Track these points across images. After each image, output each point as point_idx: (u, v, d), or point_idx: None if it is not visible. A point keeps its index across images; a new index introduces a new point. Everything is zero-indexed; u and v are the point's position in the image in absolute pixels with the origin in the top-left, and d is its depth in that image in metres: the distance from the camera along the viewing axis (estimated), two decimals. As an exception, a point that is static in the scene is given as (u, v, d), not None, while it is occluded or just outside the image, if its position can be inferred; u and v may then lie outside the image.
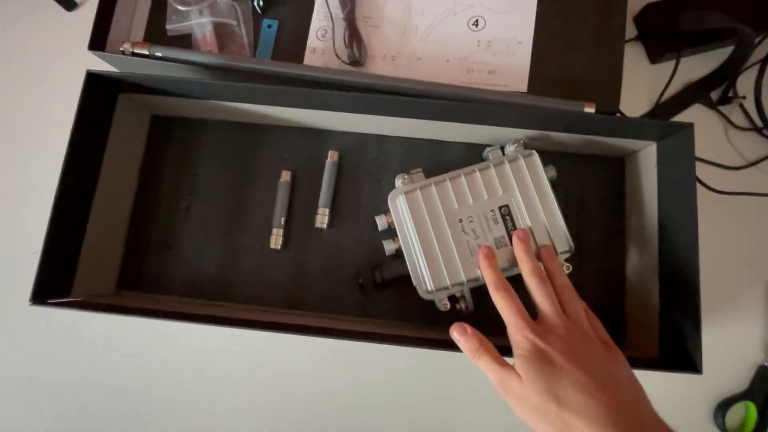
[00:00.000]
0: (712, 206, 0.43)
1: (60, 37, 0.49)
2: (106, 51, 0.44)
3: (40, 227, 0.32)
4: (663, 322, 0.36)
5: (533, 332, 0.28)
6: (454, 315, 0.37)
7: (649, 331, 0.37)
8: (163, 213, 0.44)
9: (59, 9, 0.50)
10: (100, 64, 0.42)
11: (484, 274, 0.33)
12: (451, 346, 0.32)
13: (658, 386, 0.41)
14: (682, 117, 0.46)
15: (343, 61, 0.44)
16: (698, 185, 0.43)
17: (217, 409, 0.43)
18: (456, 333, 0.31)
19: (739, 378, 0.41)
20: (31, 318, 0.44)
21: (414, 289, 0.37)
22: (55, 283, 0.35)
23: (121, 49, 0.43)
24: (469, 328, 0.31)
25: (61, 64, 0.49)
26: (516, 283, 0.33)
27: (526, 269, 0.32)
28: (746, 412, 0.41)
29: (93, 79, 0.37)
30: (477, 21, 0.44)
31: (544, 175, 0.37)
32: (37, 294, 0.33)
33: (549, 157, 0.43)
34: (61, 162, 0.34)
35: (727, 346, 0.42)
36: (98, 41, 0.44)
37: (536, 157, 0.37)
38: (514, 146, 0.39)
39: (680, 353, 0.33)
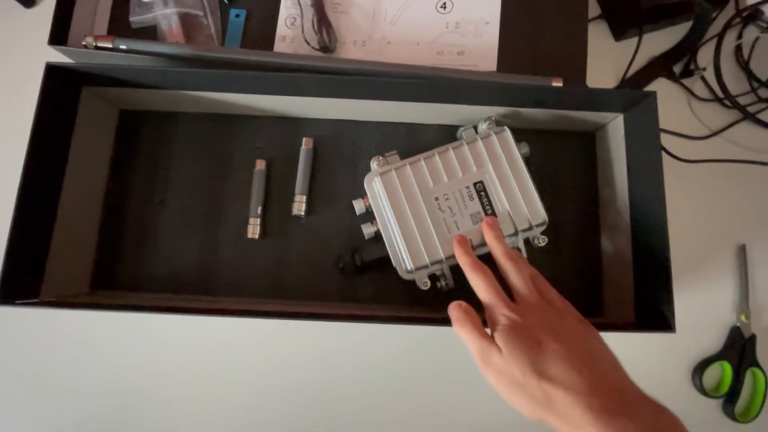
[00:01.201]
0: (680, 175, 0.44)
1: (18, 34, 0.48)
2: (68, 46, 0.43)
3: (1, 226, 0.31)
4: (637, 288, 0.37)
5: (511, 309, 0.28)
6: (436, 293, 0.37)
7: (625, 298, 0.38)
8: (137, 209, 0.43)
9: (17, 6, 0.48)
10: (62, 60, 0.41)
11: (460, 260, 0.34)
12: (430, 322, 0.32)
13: (637, 352, 0.42)
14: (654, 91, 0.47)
15: (313, 48, 0.44)
16: (665, 155, 0.44)
17: (203, 402, 0.42)
18: (450, 306, 0.31)
19: (714, 339, 0.42)
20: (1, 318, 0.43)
21: (395, 271, 0.38)
22: (22, 284, 0.34)
23: (84, 43, 0.42)
24: (463, 303, 0.31)
25: (21, 61, 0.47)
26: (491, 262, 0.33)
27: (498, 253, 0.33)
28: (722, 371, 0.42)
29: (53, 72, 0.36)
30: (444, 4, 0.44)
31: (516, 150, 0.38)
32: (3, 295, 0.32)
33: (521, 134, 0.43)
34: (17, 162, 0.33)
35: (701, 309, 0.43)
36: (59, 36, 0.42)
37: (508, 133, 0.38)
38: (486, 123, 0.39)
39: (654, 315, 0.34)
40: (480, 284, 0.31)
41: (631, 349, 0.43)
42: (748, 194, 0.45)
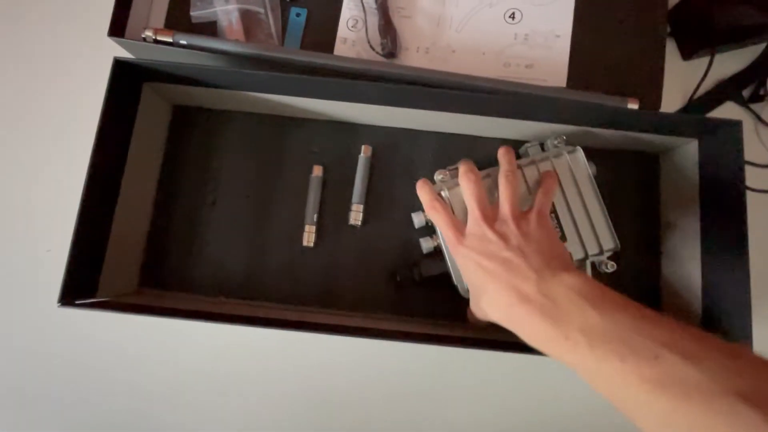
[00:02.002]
0: (748, 205, 0.43)
1: (73, 23, 0.47)
2: (125, 37, 0.42)
3: (53, 223, 0.30)
4: (705, 324, 0.36)
5: (485, 220, 0.32)
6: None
7: (693, 317, 0.37)
8: (187, 208, 0.42)
9: (70, -7, 0.47)
10: (116, 51, 0.40)
11: (462, 167, 0.35)
12: (473, 344, 0.32)
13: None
14: (714, 114, 0.45)
15: (377, 53, 0.42)
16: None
17: (240, 407, 0.41)
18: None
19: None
20: (45, 317, 0.42)
21: (448, 285, 0.37)
22: (81, 283, 0.33)
23: (143, 36, 0.41)
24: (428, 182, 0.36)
25: (76, 52, 0.46)
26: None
27: (503, 169, 0.34)
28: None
29: (120, 67, 0.34)
30: (513, 13, 0.43)
31: (589, 172, 0.37)
32: (65, 294, 0.31)
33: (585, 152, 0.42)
34: (76, 155, 0.33)
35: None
36: (117, 27, 0.41)
37: (581, 153, 0.37)
38: (556, 141, 0.38)
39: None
40: (466, 189, 0.34)
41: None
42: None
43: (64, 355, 0.42)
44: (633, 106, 0.38)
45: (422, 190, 0.35)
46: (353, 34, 0.44)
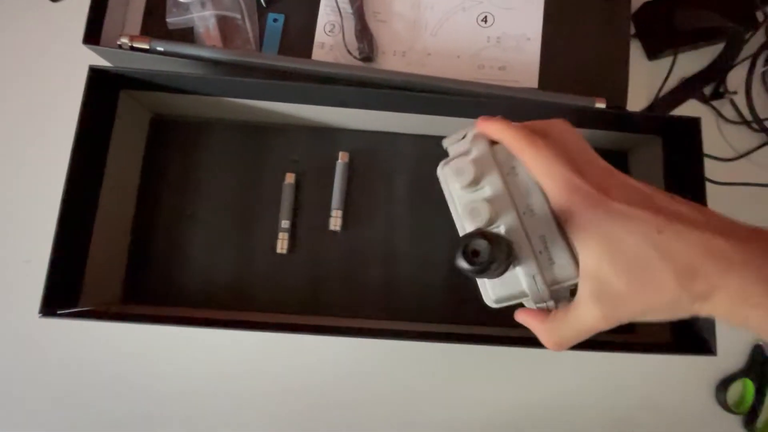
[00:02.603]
0: (710, 197, 0.45)
1: (46, 30, 0.46)
2: (100, 45, 0.41)
3: (32, 233, 0.30)
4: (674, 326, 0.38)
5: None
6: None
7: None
8: (167, 220, 0.42)
9: (44, 1, 0.47)
10: (92, 59, 0.40)
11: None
12: (462, 339, 0.33)
13: (661, 367, 0.44)
14: (677, 112, 0.48)
15: (355, 57, 0.43)
16: (697, 177, 0.45)
17: (228, 410, 0.42)
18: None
19: (737, 357, 0.44)
20: (28, 328, 0.42)
21: (430, 288, 0.38)
22: (62, 294, 0.33)
23: (119, 43, 0.41)
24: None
25: (50, 60, 0.46)
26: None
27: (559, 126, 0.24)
28: (744, 388, 0.43)
29: (96, 75, 0.35)
30: (486, 17, 0.44)
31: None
32: (46, 305, 0.31)
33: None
34: (54, 164, 0.33)
35: (724, 327, 0.44)
36: (93, 35, 0.41)
37: None
38: None
39: (693, 337, 0.35)
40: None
41: (655, 364, 0.45)
42: (770, 217, 0.46)
43: (45, 365, 0.42)
44: (600, 105, 0.40)
45: (501, 128, 0.23)
46: (330, 38, 0.44)
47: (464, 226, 0.24)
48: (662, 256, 0.19)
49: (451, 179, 0.24)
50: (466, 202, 0.24)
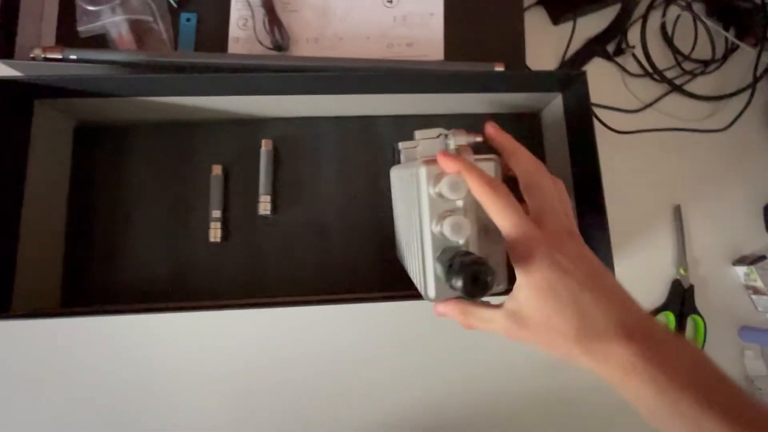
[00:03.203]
0: (618, 147, 0.48)
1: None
2: (15, 59, 0.42)
3: None
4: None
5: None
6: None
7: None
8: (101, 224, 0.43)
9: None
10: (9, 74, 0.40)
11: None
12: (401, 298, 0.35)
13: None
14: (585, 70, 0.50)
15: (267, 47, 0.45)
16: (604, 129, 0.48)
17: (187, 402, 0.43)
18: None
19: (658, 293, 0.47)
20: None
21: (363, 261, 0.39)
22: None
23: (32, 55, 0.42)
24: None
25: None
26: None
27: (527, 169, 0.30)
28: (666, 321, 0.46)
29: (5, 87, 0.35)
30: (390, -2, 0.46)
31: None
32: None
33: (471, 119, 0.46)
34: None
35: (646, 266, 0.47)
36: (5, 49, 0.42)
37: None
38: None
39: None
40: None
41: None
42: (680, 159, 0.49)
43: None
44: (499, 68, 0.42)
45: (463, 168, 0.26)
46: (244, 32, 0.46)
47: (432, 230, 0.27)
48: (576, 311, 0.24)
49: (445, 190, 0.25)
50: (438, 208, 0.27)
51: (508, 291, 0.27)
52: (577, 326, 0.24)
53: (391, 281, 0.43)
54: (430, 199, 0.27)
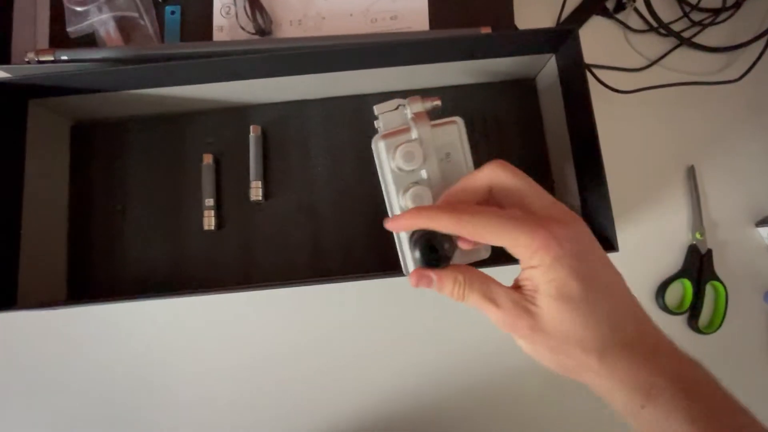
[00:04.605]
0: (623, 107, 0.45)
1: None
2: (12, 64, 0.44)
3: None
4: (585, 218, 0.38)
5: None
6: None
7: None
8: (99, 218, 0.44)
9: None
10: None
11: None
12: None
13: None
14: (583, 30, 0.48)
15: (249, 33, 0.44)
16: (605, 90, 0.45)
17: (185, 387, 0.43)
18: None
19: (673, 259, 0.44)
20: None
21: (360, 243, 0.39)
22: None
23: (26, 59, 0.43)
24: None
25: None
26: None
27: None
28: (683, 289, 0.43)
29: (-5, 88, 0.37)
30: (372, -29, 0.45)
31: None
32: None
33: (465, 90, 0.44)
34: None
35: (659, 232, 0.44)
36: (1, 54, 0.43)
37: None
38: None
39: (600, 239, 0.35)
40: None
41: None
42: (691, 117, 0.46)
43: None
44: (486, 31, 0.40)
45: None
46: (227, 21, 0.46)
47: (399, 202, 0.27)
48: (603, 319, 0.21)
49: (399, 161, 0.25)
50: (403, 181, 0.26)
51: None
52: (603, 335, 0.21)
53: (386, 261, 0.42)
54: (393, 173, 0.26)
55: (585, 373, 0.22)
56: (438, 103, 0.28)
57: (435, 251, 0.23)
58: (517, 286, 0.23)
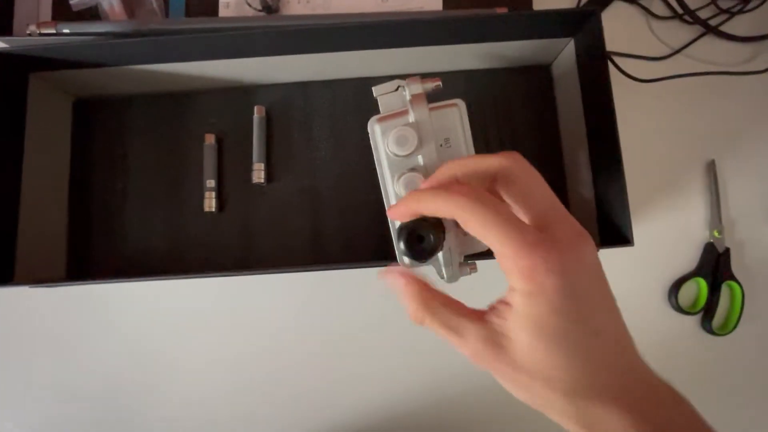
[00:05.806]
0: (644, 96, 0.43)
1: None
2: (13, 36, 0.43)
3: None
4: (599, 209, 0.36)
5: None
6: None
7: (590, 220, 0.38)
8: (100, 197, 0.43)
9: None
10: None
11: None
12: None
13: (614, 273, 0.42)
14: (604, 16, 0.45)
15: (256, 9, 0.43)
16: (625, 78, 0.43)
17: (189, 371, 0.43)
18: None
19: (689, 257, 0.42)
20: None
21: (361, 229, 0.38)
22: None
23: (28, 32, 0.42)
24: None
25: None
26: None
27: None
28: (697, 288, 0.42)
29: (-5, 59, 0.36)
30: (384, -52, 0.43)
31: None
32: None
33: (478, 75, 0.43)
34: None
35: (675, 228, 0.42)
36: (3, 26, 0.42)
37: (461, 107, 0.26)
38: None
39: (615, 232, 0.34)
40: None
41: (607, 271, 0.43)
42: (713, 109, 0.44)
43: None
44: (501, 11, 0.38)
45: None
46: (234, -4, 0.44)
47: (394, 189, 0.25)
48: (582, 358, 0.19)
49: (392, 145, 0.24)
50: (399, 167, 0.25)
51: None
52: (575, 378, 0.19)
53: (387, 249, 0.41)
54: (389, 158, 0.25)
55: (553, 413, 0.20)
56: (439, 84, 0.26)
57: (420, 241, 0.21)
58: (493, 307, 0.21)
